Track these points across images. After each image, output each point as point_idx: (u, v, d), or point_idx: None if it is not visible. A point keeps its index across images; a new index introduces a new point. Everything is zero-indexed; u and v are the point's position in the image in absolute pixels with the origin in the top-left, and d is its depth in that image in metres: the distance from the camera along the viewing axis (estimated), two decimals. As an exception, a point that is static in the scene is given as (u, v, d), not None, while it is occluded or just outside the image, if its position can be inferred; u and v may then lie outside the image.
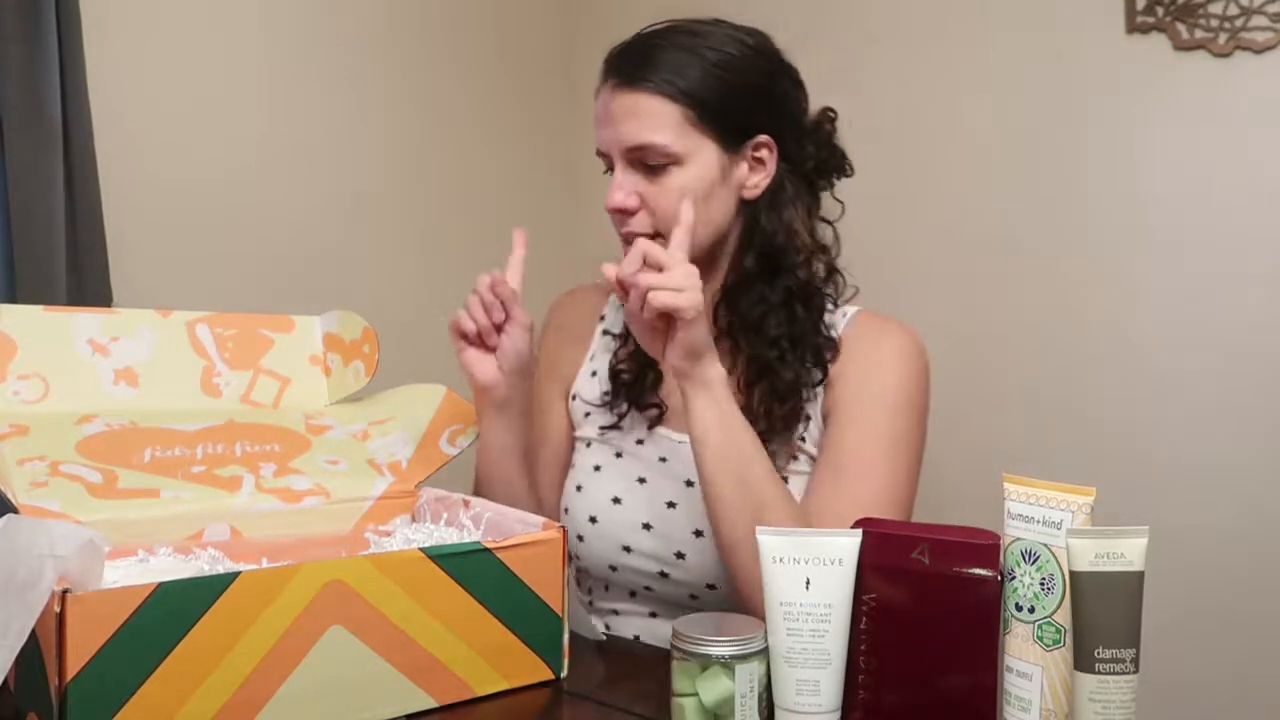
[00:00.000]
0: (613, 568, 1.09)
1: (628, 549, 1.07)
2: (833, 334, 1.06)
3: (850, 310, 1.09)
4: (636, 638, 1.10)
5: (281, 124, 2.05)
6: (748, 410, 1.00)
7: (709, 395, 0.93)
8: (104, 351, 1.03)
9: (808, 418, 1.04)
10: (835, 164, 1.10)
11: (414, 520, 1.03)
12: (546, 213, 2.46)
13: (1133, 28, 1.79)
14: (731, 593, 1.00)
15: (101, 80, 1.71)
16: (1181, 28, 1.75)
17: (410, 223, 2.28)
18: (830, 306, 1.07)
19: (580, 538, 1.10)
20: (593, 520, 1.09)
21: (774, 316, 1.03)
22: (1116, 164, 1.83)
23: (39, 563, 0.67)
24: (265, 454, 1.01)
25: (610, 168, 1.04)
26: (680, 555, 1.04)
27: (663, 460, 1.09)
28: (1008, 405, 1.94)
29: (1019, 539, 0.73)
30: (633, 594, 1.10)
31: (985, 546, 0.73)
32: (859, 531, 0.76)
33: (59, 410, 0.97)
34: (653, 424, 1.11)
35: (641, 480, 1.09)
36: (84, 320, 1.04)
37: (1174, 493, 1.77)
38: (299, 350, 1.14)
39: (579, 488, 1.12)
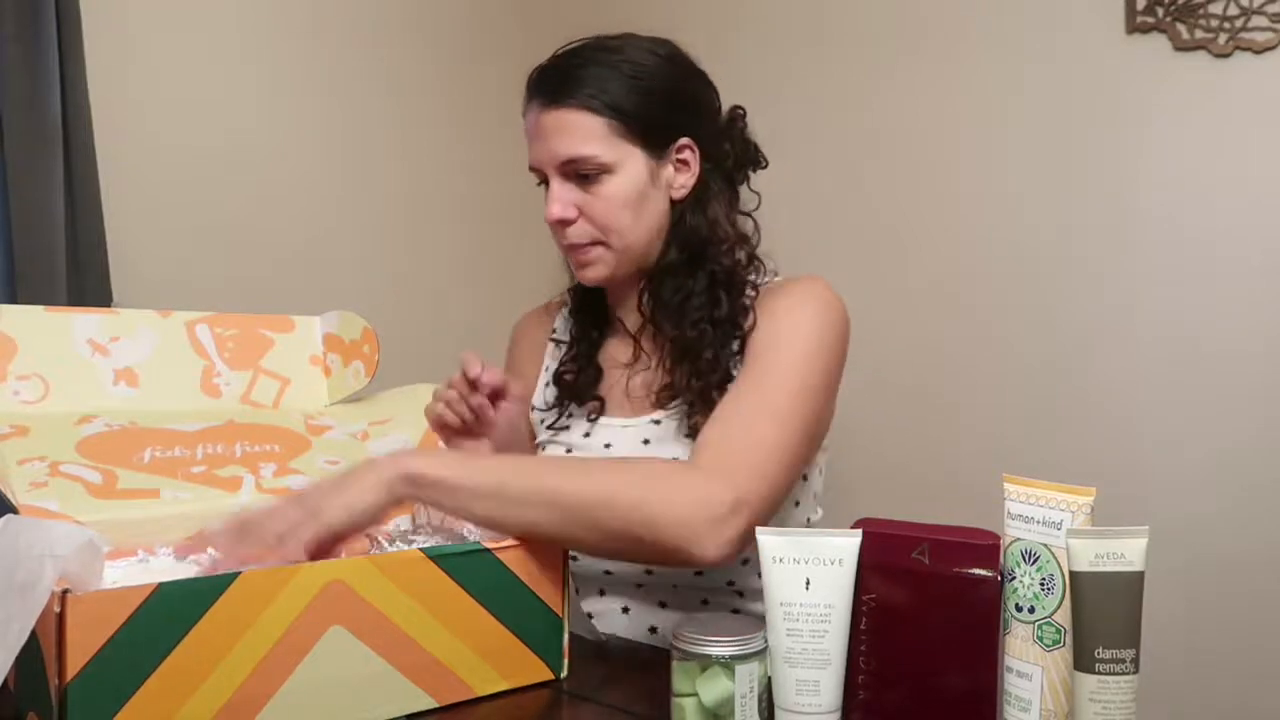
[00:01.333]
0: (573, 557, 1.08)
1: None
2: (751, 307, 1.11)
3: (765, 283, 1.13)
4: (611, 636, 1.10)
5: (282, 124, 2.05)
6: (673, 387, 1.07)
7: (443, 490, 0.87)
8: (104, 352, 1.03)
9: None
10: (750, 157, 1.16)
11: (414, 520, 1.03)
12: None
13: (1133, 28, 1.79)
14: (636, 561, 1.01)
15: (101, 80, 1.71)
16: (1181, 28, 1.75)
17: (411, 223, 2.28)
18: (752, 292, 1.11)
19: None
20: None
21: (696, 300, 1.08)
22: (1116, 164, 1.83)
23: (39, 563, 0.67)
24: (265, 454, 1.01)
25: (543, 182, 1.11)
26: None
27: (607, 446, 1.12)
28: (1008, 405, 1.94)
29: (1019, 539, 0.73)
30: (601, 591, 1.11)
31: (985, 547, 0.73)
32: (859, 532, 0.76)
33: (59, 410, 0.97)
34: (595, 415, 1.15)
35: None
36: (84, 320, 1.04)
37: (1174, 493, 1.77)
38: (299, 350, 1.15)
39: None
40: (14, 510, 0.84)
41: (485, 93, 2.35)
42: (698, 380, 1.06)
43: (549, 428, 1.18)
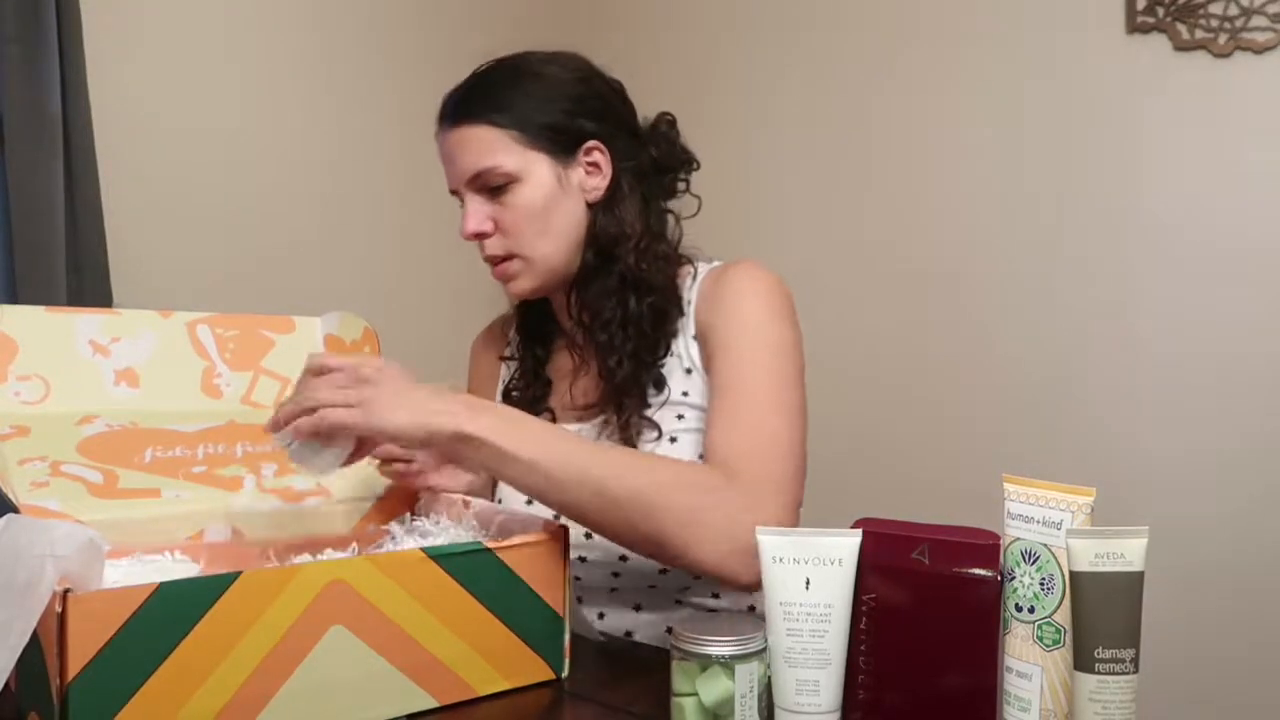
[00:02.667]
0: (576, 567, 1.10)
1: (582, 559, 1.09)
2: (687, 299, 1.11)
3: (704, 271, 1.13)
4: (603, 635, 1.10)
5: (282, 124, 2.05)
6: (598, 396, 1.09)
7: (492, 453, 0.89)
8: (105, 352, 1.03)
9: (685, 372, 1.08)
10: (679, 159, 1.15)
11: (415, 520, 1.03)
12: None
13: (1133, 28, 1.79)
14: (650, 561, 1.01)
15: (101, 80, 1.71)
16: (1181, 28, 1.75)
17: (411, 223, 2.28)
18: (689, 281, 1.12)
19: None
20: None
21: (608, 303, 1.09)
22: (1116, 163, 1.83)
23: (40, 563, 0.67)
24: (266, 454, 1.01)
25: (464, 204, 1.12)
26: (589, 535, 1.03)
27: None
28: (1008, 405, 1.94)
29: (1019, 539, 0.73)
30: (579, 599, 1.11)
31: (985, 546, 0.73)
32: (859, 532, 0.76)
33: (60, 410, 0.97)
34: None
35: None
36: (85, 321, 1.04)
37: (1174, 493, 1.77)
38: (300, 351, 1.14)
39: (499, 500, 1.14)
40: (15, 510, 0.84)
41: (485, 93, 2.35)
42: (609, 382, 1.08)
43: None
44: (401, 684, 0.80)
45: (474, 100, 1.08)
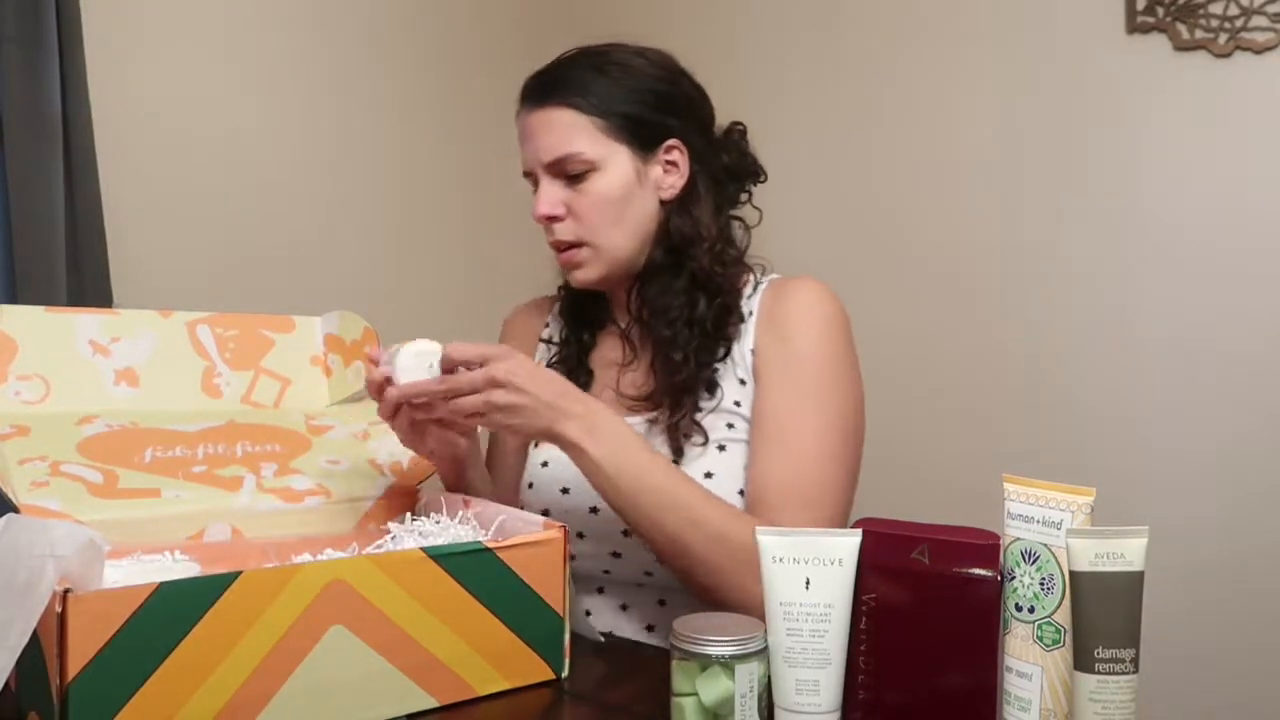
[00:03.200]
0: (571, 556, 1.09)
1: (581, 535, 1.09)
2: (747, 309, 1.12)
3: (765, 282, 1.15)
4: (607, 635, 1.10)
5: (282, 124, 2.05)
6: (653, 391, 1.09)
7: (577, 455, 0.97)
8: (105, 352, 1.03)
9: (739, 382, 1.09)
10: (748, 169, 1.17)
11: (415, 520, 1.03)
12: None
13: (1133, 28, 1.79)
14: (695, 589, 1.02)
15: (101, 80, 1.71)
16: (1181, 28, 1.75)
17: (411, 223, 2.28)
18: (749, 290, 1.13)
19: None
20: (545, 513, 1.10)
21: (675, 301, 1.09)
22: (1117, 164, 1.83)
23: (40, 563, 0.67)
24: (266, 454, 1.01)
25: (535, 186, 1.12)
26: (626, 533, 1.06)
27: None
28: (1008, 405, 1.94)
29: (1019, 539, 0.73)
30: (600, 590, 1.11)
31: (985, 546, 0.73)
32: (859, 531, 0.76)
33: (60, 410, 0.97)
34: None
35: None
36: (85, 321, 1.04)
37: (1174, 493, 1.77)
38: (300, 351, 1.15)
39: (530, 485, 1.15)
40: (15, 510, 0.84)
41: (486, 94, 2.35)
42: (667, 379, 1.08)
43: None
44: (401, 684, 0.80)
45: (560, 83, 1.09)
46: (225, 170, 1.94)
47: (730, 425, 1.08)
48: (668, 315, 1.09)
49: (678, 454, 1.06)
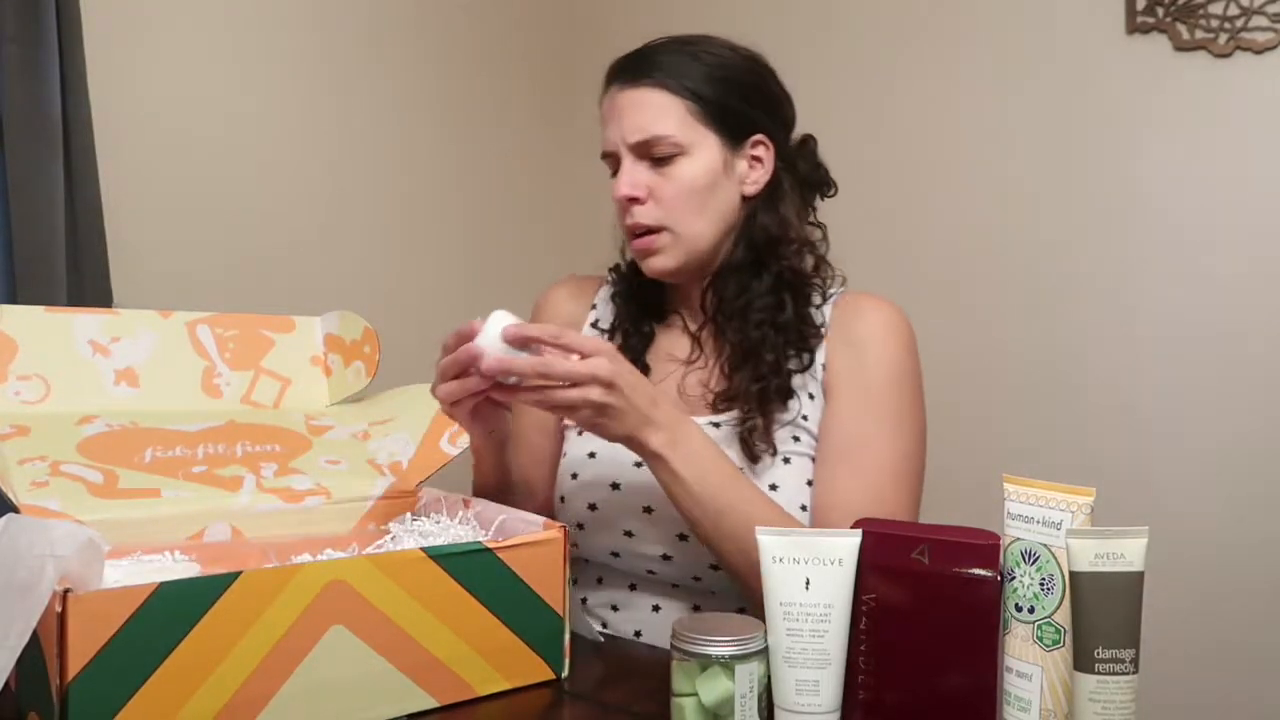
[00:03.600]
0: (615, 554, 1.09)
1: (629, 534, 1.07)
2: (820, 319, 1.09)
3: (835, 294, 1.13)
4: (638, 633, 1.09)
5: (282, 123, 2.05)
6: (732, 391, 1.05)
7: (658, 465, 0.94)
8: (105, 352, 1.03)
9: (809, 396, 1.07)
10: (819, 179, 1.16)
11: (415, 520, 1.03)
12: (549, 212, 2.46)
13: (1133, 28, 1.79)
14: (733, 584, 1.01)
15: (101, 80, 1.71)
16: (1181, 28, 1.75)
17: (412, 223, 2.28)
18: (819, 299, 1.11)
19: (580, 525, 1.10)
20: (592, 508, 1.09)
21: (760, 302, 1.06)
22: (1117, 164, 1.83)
23: (40, 563, 0.67)
24: (266, 454, 1.01)
25: (615, 168, 1.08)
26: (683, 537, 1.04)
27: None
28: (1008, 405, 1.94)
29: (1019, 539, 0.73)
30: (633, 586, 1.10)
31: (985, 546, 0.73)
32: (859, 531, 0.76)
33: (60, 410, 0.97)
34: None
35: (638, 464, 1.05)
36: (85, 321, 1.04)
37: (1174, 493, 1.77)
38: (300, 351, 1.15)
39: (574, 475, 1.11)
40: (15, 510, 0.84)
41: (487, 93, 2.35)
42: (756, 384, 1.04)
43: None
44: (401, 684, 0.80)
45: (654, 65, 1.06)
46: (225, 170, 1.94)
47: (796, 439, 1.05)
48: (751, 316, 1.06)
49: (752, 461, 1.04)
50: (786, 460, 1.04)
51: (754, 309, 1.06)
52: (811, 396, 1.07)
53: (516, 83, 2.41)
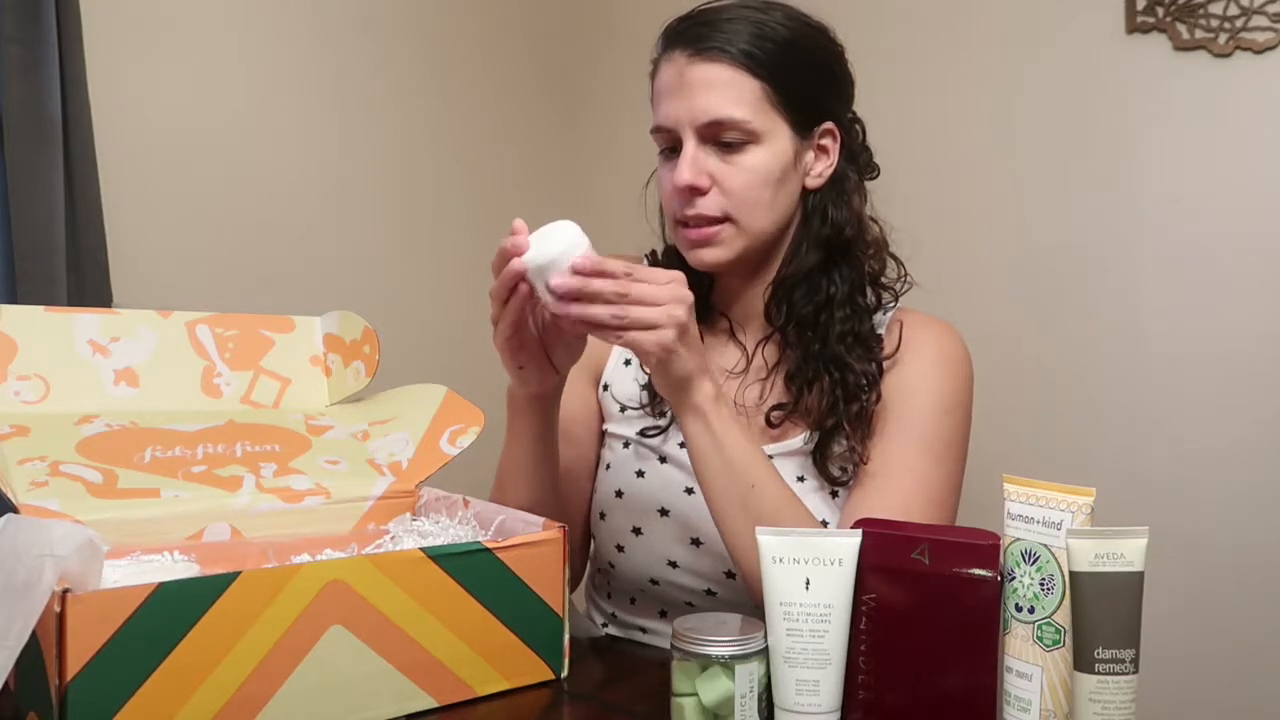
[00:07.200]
0: (654, 581, 1.03)
1: (673, 564, 1.02)
2: (879, 331, 1.02)
3: (891, 307, 1.04)
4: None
5: (282, 124, 2.05)
6: (801, 406, 0.97)
7: (700, 421, 0.88)
8: (104, 352, 1.03)
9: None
10: (868, 163, 1.07)
11: (415, 520, 1.03)
12: (550, 212, 2.46)
13: (1133, 28, 1.79)
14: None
15: (101, 80, 1.71)
16: (1181, 28, 1.75)
17: (411, 223, 2.28)
18: (879, 311, 1.03)
19: (620, 548, 1.04)
20: (636, 531, 1.03)
21: (839, 311, 0.98)
22: (1116, 164, 1.83)
23: (39, 563, 0.67)
24: (266, 454, 1.01)
25: (669, 147, 0.98)
26: (731, 575, 0.98)
27: None
28: (1008, 405, 1.94)
29: (1019, 539, 0.73)
30: (663, 613, 1.05)
31: (985, 547, 0.73)
32: (859, 531, 0.76)
33: (59, 410, 0.97)
34: None
35: (689, 491, 1.00)
36: (84, 321, 1.03)
37: (1174, 493, 1.77)
38: (299, 351, 1.14)
39: (619, 493, 1.05)
40: (15, 510, 0.84)
41: (487, 93, 2.35)
42: (849, 403, 0.95)
43: (640, 432, 1.05)
44: (401, 684, 0.80)
45: (727, 35, 0.93)
46: (225, 170, 1.94)
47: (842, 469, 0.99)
48: (833, 328, 0.96)
49: (835, 486, 0.96)
50: (834, 494, 0.98)
51: (832, 318, 0.97)
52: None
53: (518, 82, 2.41)
